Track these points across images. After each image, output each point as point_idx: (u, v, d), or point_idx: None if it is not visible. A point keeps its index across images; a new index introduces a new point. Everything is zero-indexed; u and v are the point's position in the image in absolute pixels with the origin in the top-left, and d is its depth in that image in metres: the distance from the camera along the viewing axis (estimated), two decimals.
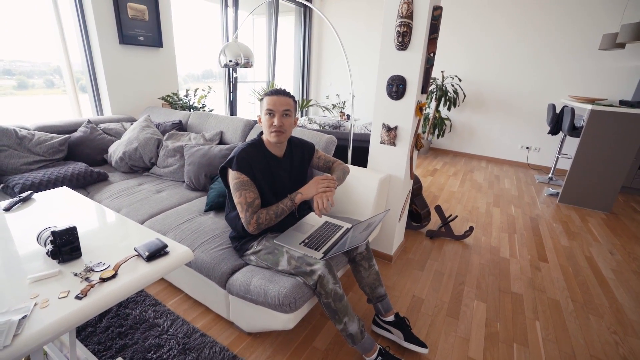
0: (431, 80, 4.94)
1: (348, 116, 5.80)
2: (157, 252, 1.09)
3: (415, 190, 2.48)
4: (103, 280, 0.99)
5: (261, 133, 1.44)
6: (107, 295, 0.96)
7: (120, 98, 2.98)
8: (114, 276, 1.02)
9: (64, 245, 1.07)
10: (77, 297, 0.92)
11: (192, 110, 3.21)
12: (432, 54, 1.79)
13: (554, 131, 3.69)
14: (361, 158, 2.27)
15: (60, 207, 1.41)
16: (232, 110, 4.61)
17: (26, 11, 2.68)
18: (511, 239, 2.61)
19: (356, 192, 1.89)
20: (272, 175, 1.41)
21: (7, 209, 1.40)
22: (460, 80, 4.89)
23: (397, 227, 2.14)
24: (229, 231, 1.64)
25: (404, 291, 1.90)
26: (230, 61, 2.72)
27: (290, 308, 1.23)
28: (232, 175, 1.32)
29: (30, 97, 2.92)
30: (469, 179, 4.07)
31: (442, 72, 4.86)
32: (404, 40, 1.73)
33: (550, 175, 4.16)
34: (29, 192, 1.50)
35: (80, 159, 2.46)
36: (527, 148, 4.72)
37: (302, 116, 5.68)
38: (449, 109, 4.90)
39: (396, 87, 1.84)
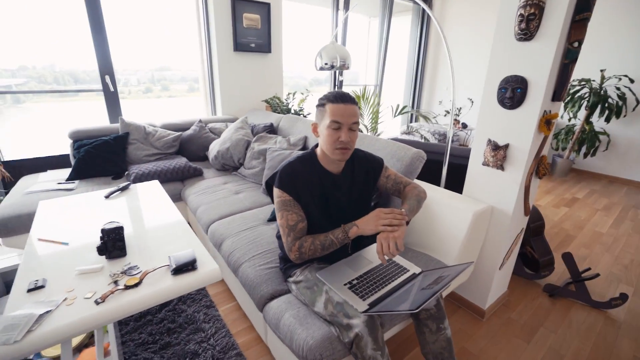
0: (573, 82, 3.76)
1: (464, 125, 5.02)
2: (184, 266, 1.03)
3: (534, 229, 1.83)
4: (127, 287, 0.96)
5: (315, 146, 1.21)
6: (124, 304, 0.92)
7: (229, 100, 3.23)
8: (138, 284, 0.98)
9: (112, 243, 1.09)
10: (96, 302, 0.91)
11: (290, 113, 3.24)
12: (576, 44, 1.21)
13: None
14: (459, 179, 1.79)
15: (143, 200, 1.55)
16: None
17: (168, 23, 3.15)
18: None
19: (441, 223, 1.46)
20: (325, 196, 1.16)
21: (107, 196, 1.58)
22: (632, 81, 3.55)
23: (497, 275, 1.60)
24: None
25: None
26: (326, 64, 2.58)
27: None
28: (276, 193, 1.13)
29: (172, 99, 3.46)
30: (631, 217, 2.91)
31: (601, 71, 3.62)
32: (528, 27, 1.22)
33: None
34: (126, 183, 1.67)
35: (188, 154, 2.73)
36: None
37: (411, 122, 5.20)
38: (607, 119, 3.63)
39: (511, 92, 1.33)
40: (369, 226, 1.04)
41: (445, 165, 1.87)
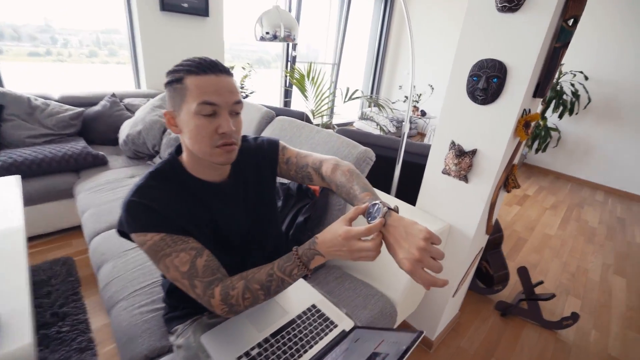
0: None
1: (423, 112, 4.78)
2: None
3: (491, 241, 1.58)
4: None
5: (177, 148, 0.76)
6: None
7: (155, 71, 2.62)
8: None
9: None
10: None
11: None
12: (571, 21, 0.88)
13: None
14: (414, 183, 1.46)
15: None
16: (288, 100, 4.04)
17: None
18: None
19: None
20: (212, 220, 0.73)
21: None
22: (586, 78, 3.47)
23: (450, 302, 1.32)
24: None
25: None
26: (267, 33, 2.09)
27: None
28: (137, 240, 0.65)
29: (121, 66, 2.78)
30: (575, 217, 2.85)
31: (560, 65, 3.49)
32: None
33: None
34: None
35: (94, 136, 2.14)
36: None
37: (369, 107, 4.85)
38: (561, 116, 3.55)
39: (485, 82, 0.99)
40: (340, 250, 0.59)
41: (398, 167, 1.53)
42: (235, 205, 0.77)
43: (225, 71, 0.66)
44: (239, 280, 0.65)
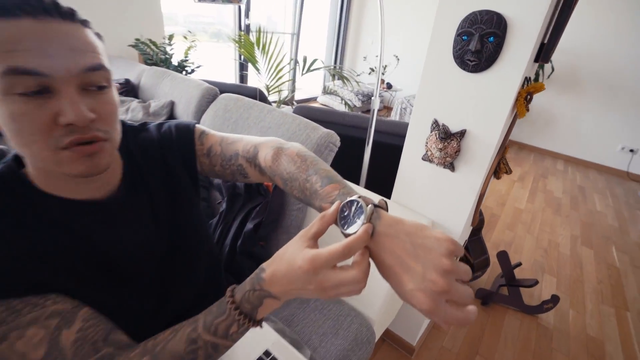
0: None
1: (389, 85, 4.56)
2: None
3: (473, 229, 1.43)
4: None
5: (14, 159, 0.44)
6: None
7: None
8: None
9: None
10: None
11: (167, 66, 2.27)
12: None
13: None
14: (387, 169, 1.24)
15: None
16: (246, 73, 3.60)
17: None
18: (622, 324, 1.51)
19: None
20: (88, 249, 0.43)
21: None
22: None
23: None
24: None
25: None
26: None
27: None
28: None
29: None
30: (541, 189, 2.84)
31: None
32: None
33: None
34: None
35: None
36: (632, 151, 3.28)
37: (333, 80, 4.54)
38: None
39: (479, 42, 0.75)
40: (304, 289, 0.35)
41: (368, 150, 1.29)
42: (135, 228, 0.49)
43: (65, 14, 0.37)
44: (139, 358, 0.38)
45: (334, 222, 0.39)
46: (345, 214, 0.38)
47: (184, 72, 2.30)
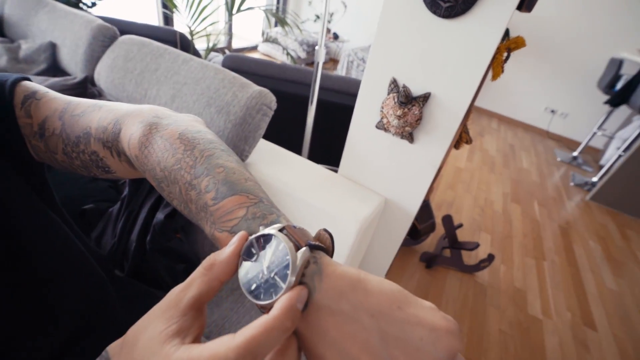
0: None
1: (335, 35, 4.22)
2: None
3: None
4: None
5: None
6: None
7: None
8: None
9: None
10: None
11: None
12: None
13: (615, 101, 2.50)
14: (334, 138, 1.07)
15: None
16: (168, 17, 2.94)
17: None
18: (540, 273, 1.67)
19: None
20: None
21: None
22: None
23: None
24: None
25: None
26: None
27: None
28: None
29: None
30: (479, 148, 2.97)
31: None
32: None
33: (575, 154, 3.13)
34: None
35: None
36: (552, 112, 3.55)
37: (275, 27, 4.04)
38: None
39: None
40: None
41: (312, 112, 1.09)
42: None
43: None
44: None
45: (232, 275, 0.21)
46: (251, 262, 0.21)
47: (81, 6, 1.75)
